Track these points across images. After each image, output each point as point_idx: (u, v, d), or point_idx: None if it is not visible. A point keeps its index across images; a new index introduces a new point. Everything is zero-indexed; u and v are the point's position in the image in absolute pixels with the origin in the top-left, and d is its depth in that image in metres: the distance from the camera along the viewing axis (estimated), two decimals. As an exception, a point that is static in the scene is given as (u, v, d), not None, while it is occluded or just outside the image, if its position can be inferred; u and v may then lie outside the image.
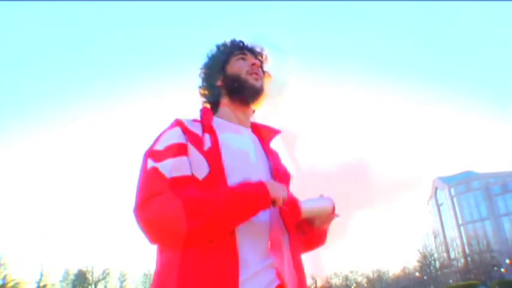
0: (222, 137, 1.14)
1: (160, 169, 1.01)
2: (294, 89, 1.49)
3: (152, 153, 1.07)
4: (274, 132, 1.34)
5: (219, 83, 1.31)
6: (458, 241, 50.83)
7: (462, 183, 55.26)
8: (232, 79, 1.28)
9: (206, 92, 1.34)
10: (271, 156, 1.26)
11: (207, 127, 1.16)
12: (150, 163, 1.03)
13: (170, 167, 1.01)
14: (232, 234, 1.00)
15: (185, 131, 1.12)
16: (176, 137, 1.10)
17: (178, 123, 1.15)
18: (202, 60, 1.38)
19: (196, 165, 1.06)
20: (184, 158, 1.05)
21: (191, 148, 1.08)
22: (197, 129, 1.15)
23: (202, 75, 1.36)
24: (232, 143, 1.15)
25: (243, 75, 1.28)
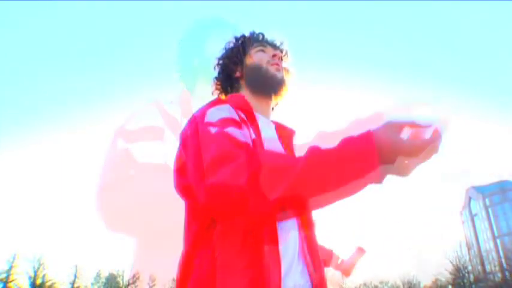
0: None
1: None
2: (290, 86, 1.52)
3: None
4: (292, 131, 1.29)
5: (237, 74, 1.29)
6: (494, 254, 48.36)
7: (497, 193, 52.74)
8: (252, 69, 1.26)
9: (223, 84, 1.33)
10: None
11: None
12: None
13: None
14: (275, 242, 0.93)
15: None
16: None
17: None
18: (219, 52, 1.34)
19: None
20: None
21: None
22: None
23: (220, 66, 1.34)
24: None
25: (264, 65, 1.26)
